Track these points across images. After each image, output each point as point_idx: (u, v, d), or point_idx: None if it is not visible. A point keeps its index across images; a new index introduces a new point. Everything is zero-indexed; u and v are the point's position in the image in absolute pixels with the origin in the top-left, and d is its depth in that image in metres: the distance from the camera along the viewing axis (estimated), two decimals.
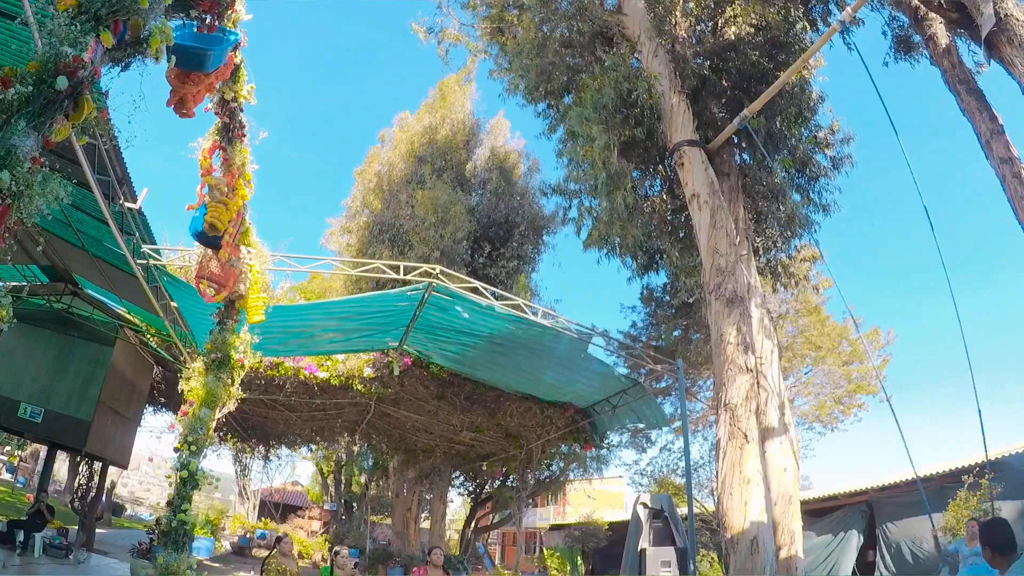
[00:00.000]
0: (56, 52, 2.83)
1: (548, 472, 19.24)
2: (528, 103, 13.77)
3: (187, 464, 5.84)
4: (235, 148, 5.53)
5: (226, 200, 5.65)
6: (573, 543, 21.87)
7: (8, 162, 2.58)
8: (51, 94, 2.79)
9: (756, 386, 10.60)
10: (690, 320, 16.43)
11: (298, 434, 17.26)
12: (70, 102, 2.84)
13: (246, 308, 6.98)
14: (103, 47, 3.10)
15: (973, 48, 8.19)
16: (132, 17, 3.17)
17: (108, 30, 3.10)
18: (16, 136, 2.69)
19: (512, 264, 19.68)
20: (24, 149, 2.71)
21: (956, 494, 10.04)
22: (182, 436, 6.09)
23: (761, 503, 9.67)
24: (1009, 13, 6.29)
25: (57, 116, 2.84)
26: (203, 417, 6.19)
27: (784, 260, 13.24)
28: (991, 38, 6.47)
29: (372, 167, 21.49)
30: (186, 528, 5.70)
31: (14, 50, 5.56)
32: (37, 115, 2.77)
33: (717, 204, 10.97)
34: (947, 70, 8.39)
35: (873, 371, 16.65)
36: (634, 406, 12.70)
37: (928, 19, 8.37)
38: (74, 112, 2.88)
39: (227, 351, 6.53)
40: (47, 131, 2.83)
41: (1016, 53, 6.21)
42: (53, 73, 2.80)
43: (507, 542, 29.36)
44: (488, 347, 11.57)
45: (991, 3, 6.33)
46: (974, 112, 8.00)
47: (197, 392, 6.34)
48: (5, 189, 2.53)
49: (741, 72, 12.02)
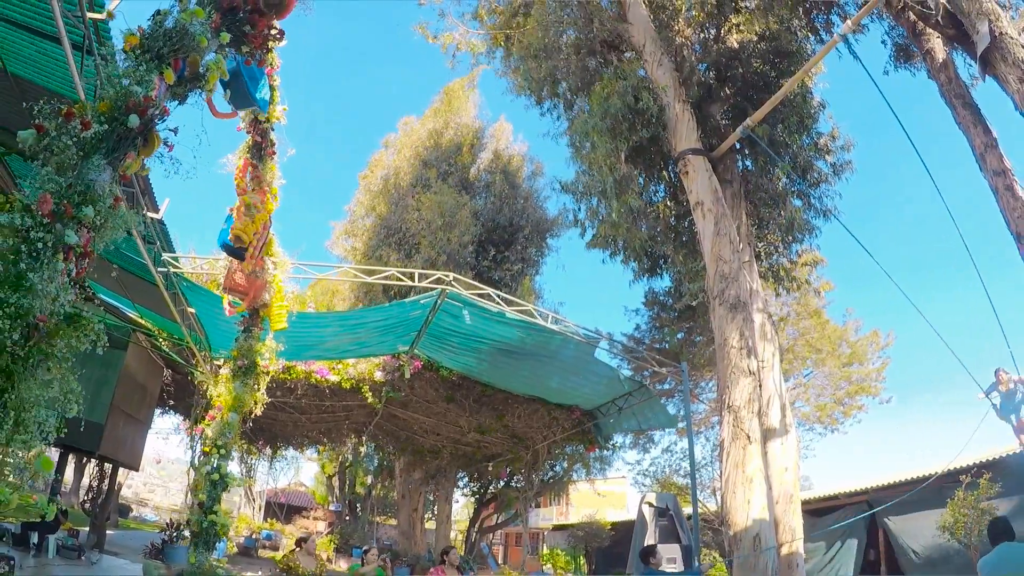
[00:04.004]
0: (127, 91, 3.07)
1: (551, 472, 19.47)
2: (535, 104, 14.00)
3: (218, 467, 6.09)
4: (266, 165, 5.78)
5: (255, 216, 5.89)
6: (576, 543, 22.13)
7: (90, 197, 2.82)
8: (124, 131, 3.03)
9: (758, 388, 10.88)
10: (693, 323, 16.68)
11: (306, 435, 17.48)
12: (141, 138, 3.08)
13: (270, 316, 7.23)
14: (166, 84, 3.34)
15: (969, 61, 8.47)
16: (191, 55, 3.41)
17: (170, 67, 3.34)
18: (93, 171, 2.92)
19: (517, 267, 19.90)
20: (101, 184, 2.95)
21: (955, 493, 10.31)
22: (211, 440, 6.34)
23: (763, 501, 9.96)
24: (1004, 32, 6.56)
25: (129, 151, 3.08)
26: (231, 422, 6.43)
27: (785, 264, 13.50)
28: (986, 55, 6.73)
29: (377, 172, 21.73)
30: (216, 528, 5.94)
31: (49, 70, 5.80)
32: (112, 151, 3.01)
33: (721, 212, 11.23)
34: (944, 84, 8.66)
35: (873, 373, 17.00)
36: (639, 408, 12.93)
37: (926, 34, 8.64)
38: (144, 147, 3.12)
39: (253, 358, 6.78)
40: (120, 165, 3.07)
41: (1010, 70, 6.47)
42: (125, 111, 3.04)
43: (510, 542, 29.59)
44: (497, 352, 11.81)
45: (987, 22, 6.59)
46: (969, 126, 8.28)
47: (225, 398, 6.59)
48: (89, 223, 2.77)
49: (744, 80, 12.28)
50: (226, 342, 11.29)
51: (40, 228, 2.56)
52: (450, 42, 16.21)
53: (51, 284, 2.48)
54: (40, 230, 2.55)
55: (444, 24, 16.15)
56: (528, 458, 16.11)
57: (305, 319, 11.01)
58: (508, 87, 14.72)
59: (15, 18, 5.15)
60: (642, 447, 21.08)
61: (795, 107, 11.68)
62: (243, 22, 3.73)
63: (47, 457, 2.50)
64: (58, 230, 2.64)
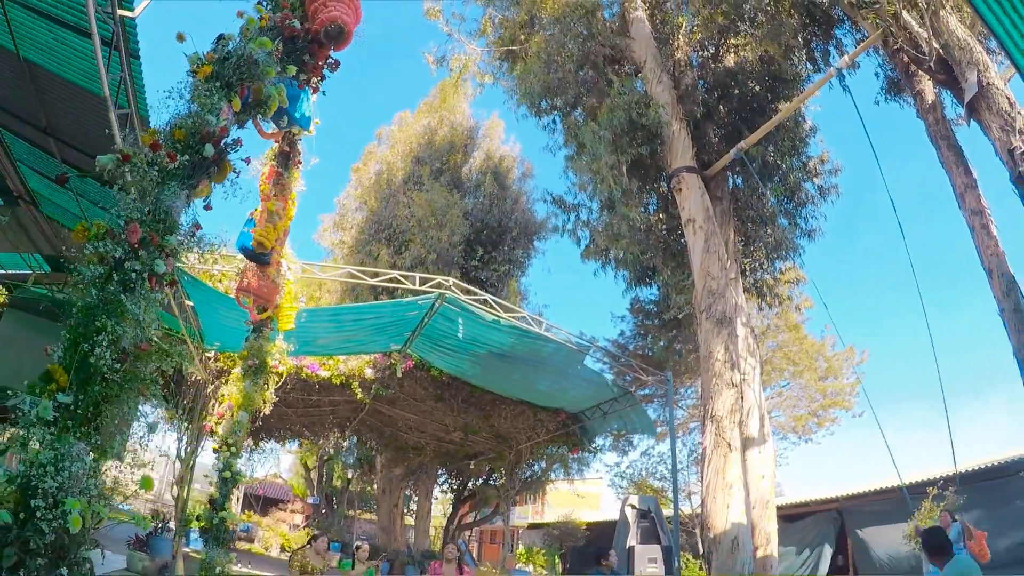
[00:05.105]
0: (202, 121, 3.24)
1: (530, 472, 19.75)
2: (534, 116, 14.23)
3: (229, 465, 6.23)
4: (291, 174, 5.93)
5: (277, 222, 6.04)
6: (551, 542, 22.48)
7: (171, 226, 2.99)
8: (199, 160, 3.19)
9: (740, 399, 11.31)
10: (677, 332, 17.08)
11: (289, 428, 17.51)
12: (215, 166, 3.25)
13: (278, 317, 7.36)
14: (232, 111, 3.51)
15: (955, 100, 8.90)
16: (257, 83, 3.58)
17: (236, 95, 3.51)
18: (170, 198, 3.09)
19: (503, 268, 20.04)
20: (177, 210, 3.12)
21: (922, 504, 10.80)
22: (221, 438, 6.47)
23: (741, 506, 10.41)
24: (991, 82, 6.98)
25: (203, 179, 3.25)
26: (241, 420, 6.56)
27: (769, 281, 13.94)
28: (973, 102, 7.16)
29: (370, 165, 21.74)
30: (227, 525, 6.09)
31: (65, 59, 5.82)
32: (187, 178, 3.18)
33: (711, 230, 11.60)
34: (931, 124, 9.11)
35: (847, 387, 17.65)
36: (623, 413, 13.26)
37: (918, 76, 9.06)
38: (217, 174, 3.29)
39: (263, 358, 6.90)
40: (194, 192, 3.24)
41: (994, 119, 6.90)
42: (200, 140, 3.21)
43: (484, 539, 29.83)
44: (490, 356, 12.01)
45: (976, 71, 7.00)
46: (952, 166, 8.74)
47: (235, 397, 6.71)
48: (171, 251, 2.94)
49: (740, 100, 12.64)
50: (218, 336, 11.36)
51: (134, 258, 2.72)
52: (456, 65, 16.36)
53: (148, 313, 2.66)
54: (134, 260, 2.71)
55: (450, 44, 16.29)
56: (511, 457, 16.36)
57: (297, 317, 11.09)
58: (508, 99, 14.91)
59: (35, 5, 5.21)
60: (621, 450, 21.52)
61: (788, 130, 12.08)
62: (302, 51, 3.90)
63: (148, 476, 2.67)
64: (145, 258, 2.80)
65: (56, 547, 2.30)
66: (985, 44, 7.65)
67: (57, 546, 2.30)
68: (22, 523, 2.25)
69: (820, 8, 10.74)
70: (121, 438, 2.65)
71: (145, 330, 2.67)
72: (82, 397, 2.49)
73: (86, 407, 2.50)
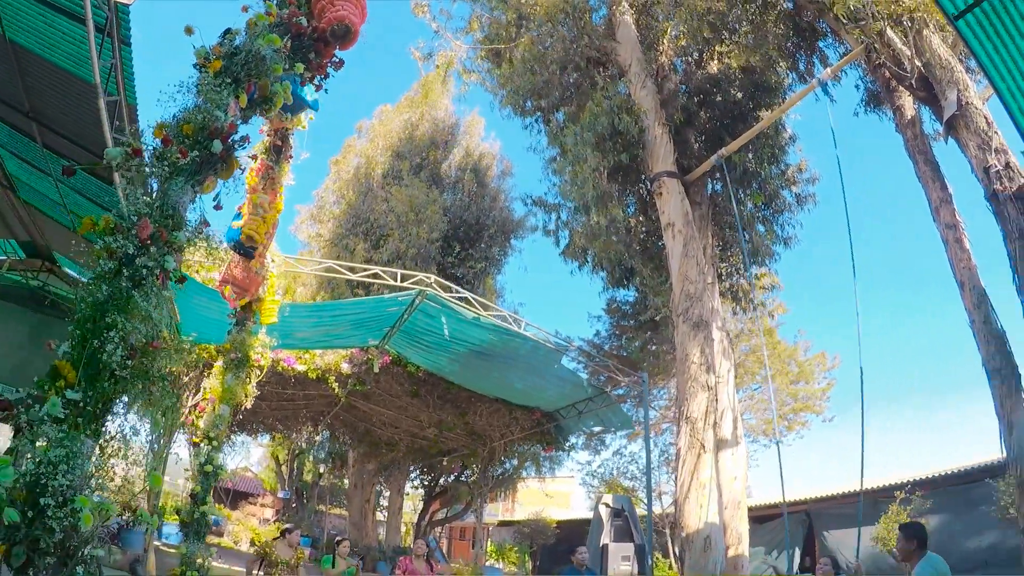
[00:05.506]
0: (211, 116, 3.21)
1: (502, 469, 19.82)
2: (518, 116, 14.25)
3: (211, 459, 6.17)
4: (281, 168, 5.88)
5: (265, 215, 5.99)
6: (522, 539, 22.59)
7: (178, 222, 2.96)
8: (207, 156, 3.17)
9: (715, 402, 11.51)
10: (652, 334, 17.28)
11: (262, 422, 17.31)
12: (223, 163, 3.23)
13: (261, 310, 7.30)
14: (239, 106, 3.48)
15: (934, 116, 9.17)
16: (263, 79, 3.55)
17: (243, 91, 3.48)
18: (176, 193, 3.07)
19: (480, 265, 20.02)
20: (183, 205, 3.10)
21: (889, 508, 11.16)
22: (203, 432, 6.40)
23: (714, 507, 10.62)
24: (970, 102, 7.22)
25: (209, 175, 3.22)
26: (222, 414, 6.50)
27: (745, 286, 14.17)
28: (952, 120, 7.40)
29: (349, 158, 21.54)
30: (207, 519, 6.04)
31: (54, 43, 5.69)
32: (194, 174, 3.15)
33: (690, 234, 11.76)
34: (909, 140, 9.35)
35: (819, 392, 18.11)
36: (599, 412, 13.40)
37: (898, 91, 9.30)
38: (224, 171, 3.26)
39: (246, 351, 6.85)
40: (200, 188, 3.21)
41: (971, 137, 7.15)
42: (208, 136, 3.18)
43: (454, 536, 29.82)
44: (468, 354, 12.03)
45: (956, 91, 7.24)
46: (928, 181, 9.00)
47: (216, 390, 6.65)
48: (179, 247, 2.92)
49: (722, 107, 12.81)
50: (195, 327, 11.19)
51: (144, 254, 2.70)
52: (443, 61, 16.29)
53: (158, 310, 2.63)
54: (145, 257, 2.69)
55: (437, 40, 16.19)
56: (484, 455, 16.40)
57: (281, 311, 10.99)
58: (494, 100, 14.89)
59: None
60: (593, 449, 21.71)
61: (768, 138, 12.29)
62: (308, 49, 3.88)
63: (157, 474, 2.65)
64: (155, 254, 2.78)
65: (64, 545, 2.28)
66: (966, 63, 7.90)
67: (66, 544, 2.28)
68: (30, 522, 2.22)
69: (805, 20, 10.94)
70: (122, 434, 2.63)
71: (157, 327, 2.65)
72: (91, 394, 2.47)
73: (95, 404, 2.48)
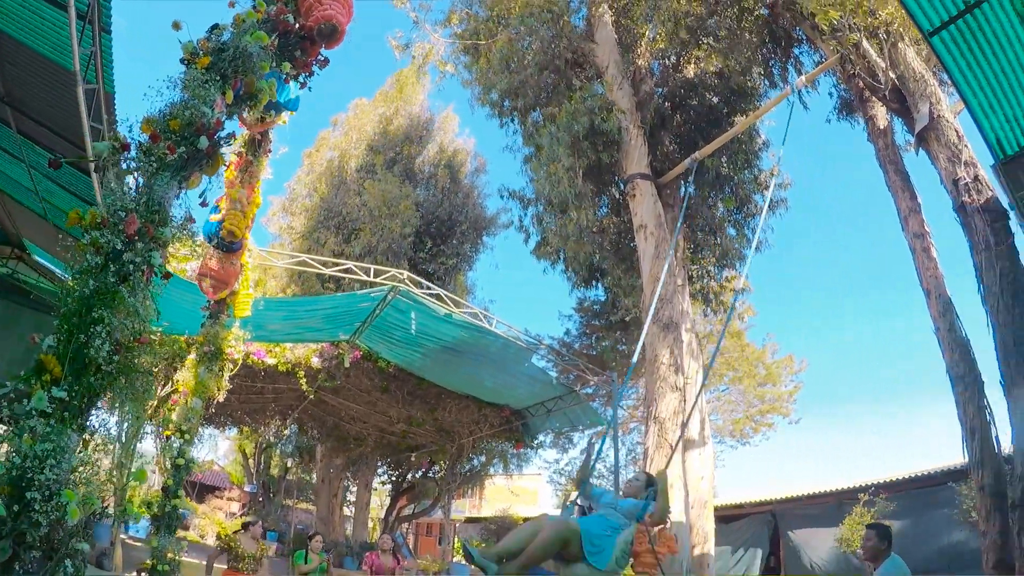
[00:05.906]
0: (198, 112, 3.21)
1: (470, 466, 19.87)
2: (495, 115, 14.28)
3: (183, 452, 6.12)
4: (260, 162, 5.86)
5: (245, 210, 5.96)
6: (488, 536, 22.68)
7: (164, 217, 2.97)
8: (193, 152, 3.17)
9: (683, 402, 11.73)
10: (622, 334, 17.48)
11: (230, 415, 17.10)
12: (208, 159, 3.23)
13: (234, 303, 7.25)
14: (224, 103, 3.48)
15: (905, 127, 9.46)
16: (249, 76, 3.56)
17: (230, 87, 3.49)
18: (161, 189, 3.06)
19: (451, 262, 20.04)
20: (168, 201, 3.09)
21: (853, 509, 11.48)
22: (175, 425, 6.34)
23: (680, 506, 10.81)
24: (942, 115, 7.49)
25: (195, 171, 3.22)
26: (195, 407, 6.44)
27: (715, 288, 14.45)
28: (923, 132, 7.66)
29: (323, 151, 21.35)
30: (178, 513, 6.00)
31: (44, 35, 5.59)
32: (180, 169, 3.15)
33: (662, 236, 11.95)
34: (881, 149, 9.63)
35: (785, 395, 18.54)
36: (568, 411, 13.54)
37: (871, 101, 9.58)
38: (209, 167, 3.27)
39: (219, 344, 6.79)
40: (185, 183, 3.21)
41: (942, 150, 7.41)
42: (195, 132, 3.18)
43: (420, 532, 29.78)
44: (439, 349, 12.06)
45: (928, 104, 7.50)
46: (898, 190, 9.27)
47: (189, 383, 6.58)
48: (164, 242, 2.92)
49: (697, 111, 13.02)
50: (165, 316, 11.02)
51: (131, 250, 2.70)
52: (420, 53, 16.24)
53: (145, 305, 2.64)
54: (132, 252, 2.69)
55: (415, 32, 16.12)
56: (453, 451, 16.44)
57: (255, 304, 10.89)
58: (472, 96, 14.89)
59: None
60: (561, 447, 21.89)
61: (741, 143, 12.53)
62: (294, 47, 3.89)
63: (143, 469, 2.66)
64: (141, 249, 2.78)
65: (50, 539, 2.29)
66: (939, 77, 8.17)
67: (51, 538, 2.29)
68: (16, 516, 2.23)
69: (781, 28, 11.18)
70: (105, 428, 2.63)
71: (144, 322, 2.66)
72: (77, 388, 2.47)
73: (80, 398, 2.48)
